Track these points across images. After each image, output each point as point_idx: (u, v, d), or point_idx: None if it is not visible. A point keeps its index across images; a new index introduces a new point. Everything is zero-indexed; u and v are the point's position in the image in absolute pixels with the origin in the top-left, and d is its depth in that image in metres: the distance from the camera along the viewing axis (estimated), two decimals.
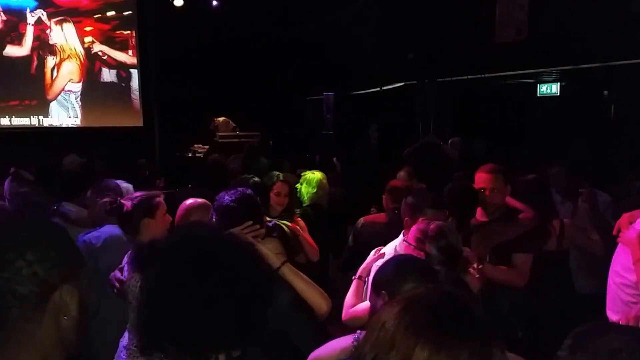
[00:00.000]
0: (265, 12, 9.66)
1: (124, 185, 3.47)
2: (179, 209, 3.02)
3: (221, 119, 8.83)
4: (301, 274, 2.38)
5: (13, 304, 1.03)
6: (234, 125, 8.90)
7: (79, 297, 1.11)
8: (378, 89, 9.13)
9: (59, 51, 9.59)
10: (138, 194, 3.01)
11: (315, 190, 4.32)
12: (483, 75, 7.72)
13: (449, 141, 6.98)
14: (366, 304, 2.49)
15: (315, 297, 2.32)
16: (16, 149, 7.89)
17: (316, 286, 2.39)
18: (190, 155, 8.53)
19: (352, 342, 1.74)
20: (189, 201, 3.04)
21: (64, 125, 9.64)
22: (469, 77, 7.98)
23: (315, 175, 4.39)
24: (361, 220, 3.84)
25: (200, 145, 8.59)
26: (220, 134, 8.57)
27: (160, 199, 3.01)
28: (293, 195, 3.97)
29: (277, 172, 4.10)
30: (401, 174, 5.04)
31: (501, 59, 7.45)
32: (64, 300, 1.08)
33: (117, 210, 2.86)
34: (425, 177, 4.88)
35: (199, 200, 3.04)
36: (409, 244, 2.59)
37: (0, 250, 1.04)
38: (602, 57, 7.17)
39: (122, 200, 2.93)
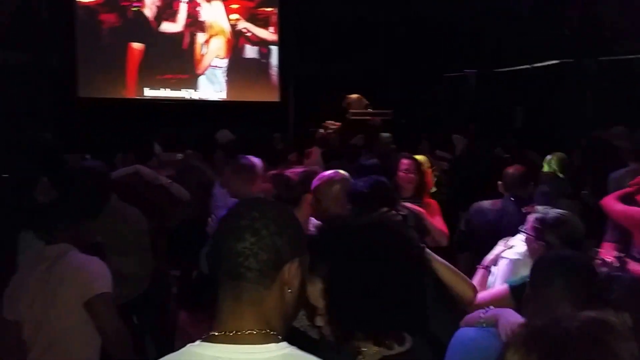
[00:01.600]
0: None
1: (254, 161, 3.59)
2: (318, 178, 3.04)
3: (354, 96, 8.81)
4: (443, 260, 2.31)
5: (254, 267, 1.17)
6: (366, 102, 8.84)
7: (301, 275, 1.24)
8: (527, 66, 8.35)
9: (208, 28, 10.11)
10: (299, 169, 3.15)
11: None
12: None
13: (611, 130, 6.26)
14: (489, 293, 2.47)
15: (460, 283, 2.28)
16: (169, 119, 8.55)
17: (459, 271, 2.33)
18: (322, 131, 8.62)
19: (478, 318, 1.87)
20: (329, 172, 3.07)
21: (210, 99, 10.21)
22: (634, 56, 6.98)
23: None
24: (474, 205, 3.73)
25: (333, 122, 8.66)
26: (352, 111, 8.56)
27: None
28: (422, 172, 3.81)
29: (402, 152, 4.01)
30: None
31: None
32: (291, 274, 1.20)
33: (284, 183, 2.96)
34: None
35: (341, 172, 3.07)
36: (527, 234, 2.50)
37: (251, 220, 1.18)
38: None
39: (287, 174, 3.04)
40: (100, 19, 9.80)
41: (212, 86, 10.25)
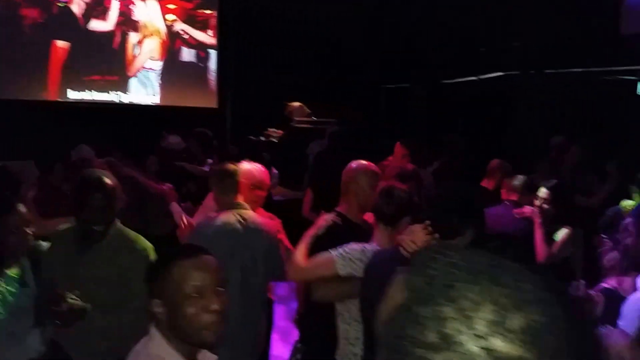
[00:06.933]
0: None
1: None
2: (346, 170, 2.86)
3: (296, 104, 7.89)
4: None
5: None
6: (308, 111, 7.94)
7: None
8: (474, 78, 7.80)
9: (142, 28, 8.88)
10: None
11: None
12: (600, 69, 6.34)
13: (551, 141, 5.72)
14: None
15: None
16: (96, 123, 7.29)
17: None
18: (263, 139, 7.63)
19: None
20: (356, 164, 2.90)
21: (142, 103, 8.95)
22: (580, 70, 6.56)
23: None
24: None
25: (274, 130, 7.67)
26: (297, 119, 7.63)
27: None
28: None
29: None
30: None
31: (621, 52, 6.09)
32: None
33: None
34: None
35: (364, 162, 2.92)
36: None
37: None
38: None
39: None
40: (21, 14, 8.32)
41: (144, 89, 8.99)
